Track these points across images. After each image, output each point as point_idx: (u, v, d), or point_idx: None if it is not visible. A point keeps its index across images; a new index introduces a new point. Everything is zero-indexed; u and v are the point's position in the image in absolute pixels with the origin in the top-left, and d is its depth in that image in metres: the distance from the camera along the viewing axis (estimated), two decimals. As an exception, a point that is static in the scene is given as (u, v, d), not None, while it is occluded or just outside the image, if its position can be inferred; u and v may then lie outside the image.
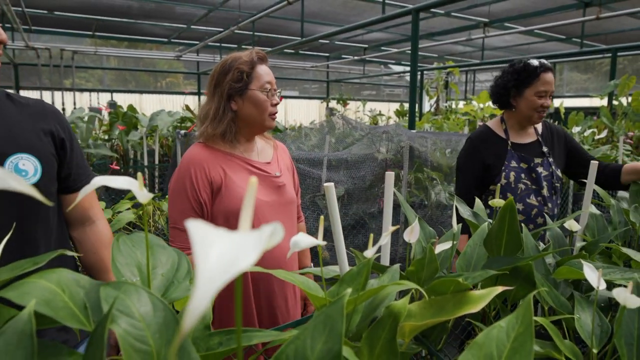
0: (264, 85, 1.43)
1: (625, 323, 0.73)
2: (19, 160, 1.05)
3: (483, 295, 0.76)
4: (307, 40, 5.43)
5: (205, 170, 1.38)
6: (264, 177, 1.47)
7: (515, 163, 1.96)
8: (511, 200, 0.87)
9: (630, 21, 7.33)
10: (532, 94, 1.94)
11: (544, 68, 1.94)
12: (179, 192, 1.38)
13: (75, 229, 1.25)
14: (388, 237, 1.06)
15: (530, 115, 1.97)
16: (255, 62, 1.43)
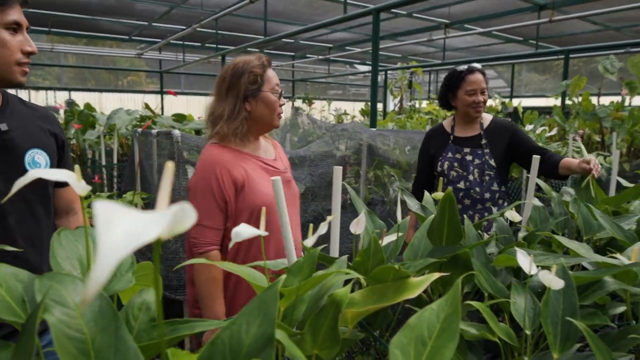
0: (274, 88, 1.56)
1: (551, 304, 0.78)
2: (35, 154, 1.24)
3: (421, 281, 0.80)
4: (270, 39, 5.43)
5: (229, 170, 1.48)
6: (275, 172, 1.58)
7: (451, 154, 2.27)
8: (450, 192, 0.90)
9: (582, 24, 7.64)
10: (463, 93, 2.23)
11: (468, 71, 2.23)
12: (204, 191, 1.47)
13: (60, 217, 1.41)
14: (337, 228, 1.09)
15: (467, 111, 2.24)
16: (266, 66, 1.56)
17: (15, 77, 1.19)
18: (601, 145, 4.79)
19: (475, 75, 2.22)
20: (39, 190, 1.25)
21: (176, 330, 0.70)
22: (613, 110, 4.65)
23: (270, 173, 1.57)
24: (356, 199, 1.22)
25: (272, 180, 0.90)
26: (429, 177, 2.34)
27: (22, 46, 1.18)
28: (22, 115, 1.26)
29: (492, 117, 2.34)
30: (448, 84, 2.28)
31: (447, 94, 2.30)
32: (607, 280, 0.91)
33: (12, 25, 1.16)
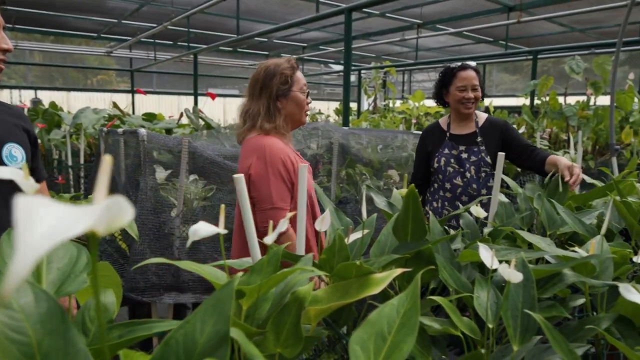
0: (302, 88, 1.72)
1: (511, 297, 0.79)
2: (12, 148, 1.26)
3: (384, 277, 0.80)
4: (242, 38, 5.38)
5: (288, 155, 1.64)
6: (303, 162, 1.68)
7: (447, 150, 2.32)
8: (412, 189, 0.91)
9: (549, 26, 7.83)
10: (454, 89, 2.29)
11: (460, 67, 2.30)
12: (274, 175, 1.58)
13: None
14: (303, 226, 1.08)
15: (457, 107, 2.30)
16: (295, 68, 1.71)
17: None
18: (567, 143, 4.91)
19: (467, 72, 2.28)
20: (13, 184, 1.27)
21: (133, 331, 0.69)
22: (579, 109, 4.78)
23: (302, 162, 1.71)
24: (323, 196, 1.21)
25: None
26: (425, 173, 2.39)
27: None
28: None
29: (487, 116, 2.40)
30: (442, 80, 2.35)
31: (441, 89, 2.36)
32: (567, 273, 0.93)
33: None
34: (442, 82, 2.35)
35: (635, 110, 4.75)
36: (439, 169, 2.31)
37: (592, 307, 1.03)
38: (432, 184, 2.37)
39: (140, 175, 1.84)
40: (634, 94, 4.62)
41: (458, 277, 0.94)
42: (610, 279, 1.00)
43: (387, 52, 11.64)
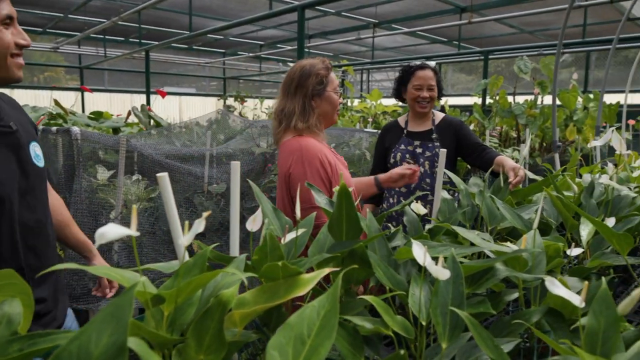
0: (336, 88, 1.78)
1: (441, 294, 0.78)
2: (35, 147, 1.25)
3: (312, 278, 0.77)
4: (195, 35, 5.26)
5: (326, 154, 1.69)
6: (340, 159, 1.81)
7: (403, 146, 2.40)
8: (344, 185, 0.89)
9: (500, 27, 8.07)
10: (411, 87, 2.36)
11: (419, 67, 2.37)
12: (312, 175, 1.64)
13: None
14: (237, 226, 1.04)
15: (412, 105, 2.39)
16: (329, 69, 1.77)
17: (13, 73, 1.15)
18: (517, 141, 5.07)
19: (424, 71, 2.34)
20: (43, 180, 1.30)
21: (35, 344, 0.63)
22: (527, 108, 4.93)
23: (338, 159, 1.80)
24: (260, 195, 1.17)
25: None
26: (383, 170, 2.41)
27: (16, 39, 1.15)
28: (11, 112, 1.24)
29: (444, 115, 2.48)
30: (402, 77, 2.41)
31: (399, 87, 2.44)
32: (499, 268, 0.93)
33: (5, 20, 1.12)
34: (401, 80, 2.42)
35: (579, 109, 4.95)
36: (394, 164, 2.36)
37: (526, 300, 1.04)
38: None
39: (75, 176, 1.75)
40: (578, 93, 4.81)
41: (393, 275, 0.93)
42: (543, 273, 1.01)
43: (345, 51, 11.70)
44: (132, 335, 0.71)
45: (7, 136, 1.16)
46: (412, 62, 2.44)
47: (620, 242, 0.99)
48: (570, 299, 0.72)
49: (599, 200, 1.58)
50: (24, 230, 1.20)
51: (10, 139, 1.17)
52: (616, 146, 1.44)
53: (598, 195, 1.60)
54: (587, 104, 4.93)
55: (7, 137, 1.16)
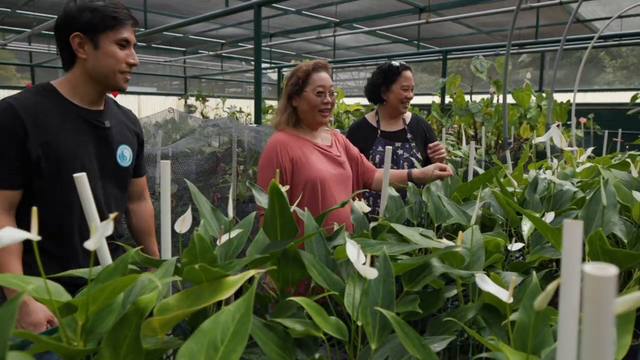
0: (317, 89, 1.80)
1: (371, 293, 0.76)
2: (124, 149, 1.51)
3: (236, 280, 0.74)
4: (149, 32, 5.12)
5: (286, 148, 1.77)
6: (329, 155, 1.87)
7: (381, 147, 2.37)
8: (274, 184, 0.86)
9: (459, 28, 8.22)
10: (398, 88, 2.34)
11: (404, 67, 2.38)
12: (268, 166, 1.76)
13: (133, 202, 1.68)
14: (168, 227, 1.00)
15: (397, 106, 2.37)
16: (311, 71, 1.82)
17: (118, 83, 1.43)
18: (474, 138, 5.17)
19: (409, 72, 2.37)
20: (122, 179, 1.53)
21: None
22: (483, 107, 5.04)
23: (325, 155, 1.86)
24: (198, 195, 1.13)
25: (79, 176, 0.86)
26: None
27: (127, 59, 1.40)
28: (117, 115, 1.54)
29: (412, 114, 2.50)
30: (385, 77, 2.36)
31: (380, 86, 2.38)
32: (435, 265, 0.92)
33: (122, 41, 1.38)
34: (384, 80, 2.37)
35: (533, 107, 5.09)
36: (374, 166, 2.32)
37: (465, 297, 1.04)
38: None
39: None
40: (531, 92, 4.95)
41: (329, 275, 0.90)
42: (482, 268, 1.01)
43: (308, 50, 11.68)
44: (39, 351, 0.67)
45: (99, 130, 1.45)
46: (394, 62, 2.42)
47: (555, 236, 1.00)
48: (498, 295, 0.71)
49: (542, 196, 1.60)
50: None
51: (102, 133, 1.45)
52: (557, 142, 1.47)
53: (542, 191, 1.63)
54: (540, 103, 5.07)
55: (100, 130, 1.45)
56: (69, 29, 1.35)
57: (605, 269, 0.29)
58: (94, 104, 1.46)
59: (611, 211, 1.19)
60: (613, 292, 0.29)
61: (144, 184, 1.71)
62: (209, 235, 1.07)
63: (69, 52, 1.39)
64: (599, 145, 4.88)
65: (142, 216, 1.69)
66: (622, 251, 0.87)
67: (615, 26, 7.35)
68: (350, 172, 1.93)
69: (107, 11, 1.35)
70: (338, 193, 1.82)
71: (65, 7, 1.38)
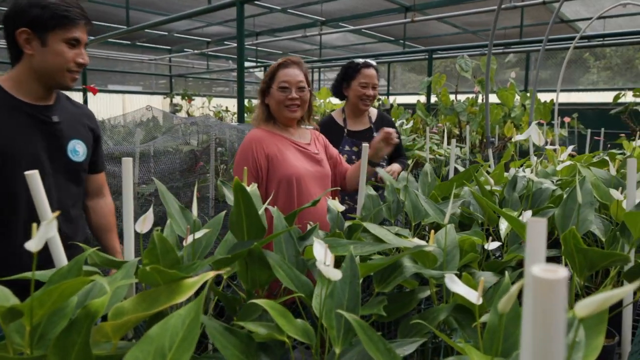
0: (281, 85, 1.80)
1: (337, 295, 0.73)
2: (76, 144, 1.48)
3: (194, 282, 0.71)
4: (132, 30, 5.04)
5: (262, 144, 1.77)
6: (306, 152, 1.86)
7: (348, 147, 2.36)
8: (237, 182, 0.82)
9: (445, 27, 8.23)
10: (356, 85, 2.35)
11: (364, 65, 2.38)
12: (243, 162, 1.75)
13: (91, 199, 1.65)
14: (131, 227, 0.96)
15: (357, 102, 2.37)
16: (278, 67, 1.83)
17: (66, 82, 1.41)
18: (460, 137, 5.17)
19: (370, 69, 2.37)
20: (74, 173, 1.50)
21: None
22: (468, 106, 5.04)
23: (302, 152, 1.85)
24: (166, 194, 1.09)
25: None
26: None
27: (76, 58, 1.38)
28: (68, 110, 1.51)
29: (378, 111, 2.51)
30: (345, 74, 2.39)
31: (342, 82, 2.41)
32: (407, 265, 0.90)
33: (72, 40, 1.36)
34: (345, 76, 2.40)
35: (517, 106, 5.11)
36: None
37: (439, 297, 1.01)
38: None
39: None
40: (515, 91, 4.96)
41: (297, 276, 0.87)
42: (456, 268, 0.99)
43: (294, 49, 11.63)
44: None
45: (47, 125, 1.42)
46: (355, 60, 2.43)
47: (530, 234, 0.98)
48: (467, 296, 0.69)
49: (521, 194, 1.59)
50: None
51: (50, 128, 1.42)
52: (535, 140, 1.45)
53: (521, 189, 1.62)
54: (525, 102, 5.09)
55: (48, 125, 1.42)
56: (16, 23, 1.32)
57: (555, 271, 0.27)
58: (41, 100, 1.42)
59: (588, 209, 1.18)
60: (562, 296, 0.26)
61: (102, 181, 1.69)
62: (176, 236, 1.04)
63: (16, 47, 1.36)
64: (583, 145, 4.91)
65: (102, 213, 1.66)
66: (596, 250, 0.85)
67: (599, 27, 7.42)
68: (328, 171, 1.91)
69: (59, 9, 1.33)
70: (315, 191, 1.80)
71: (15, 0, 1.35)
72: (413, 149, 3.32)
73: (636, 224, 0.93)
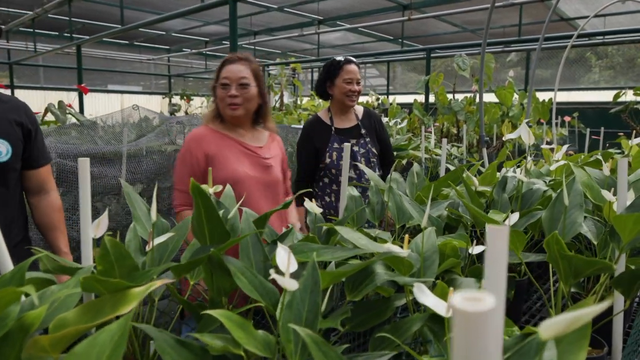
0: (222, 81, 1.73)
1: (296, 306, 0.68)
2: (1, 145, 1.40)
3: (141, 291, 0.66)
4: (126, 29, 4.99)
5: (201, 144, 1.71)
6: (253, 156, 1.77)
7: (337, 144, 2.34)
8: (194, 184, 0.77)
9: (444, 26, 8.17)
10: (340, 81, 2.32)
11: (346, 61, 2.36)
12: (181, 160, 1.71)
13: (33, 196, 1.58)
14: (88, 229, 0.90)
15: (342, 99, 2.34)
16: (223, 64, 1.77)
17: None
18: (457, 137, 5.11)
19: (351, 65, 2.35)
20: (1, 175, 1.44)
21: None
22: (466, 105, 4.98)
23: (248, 156, 1.76)
24: (132, 195, 1.04)
25: None
26: (315, 169, 2.37)
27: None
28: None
29: (364, 108, 2.49)
30: (328, 72, 2.37)
31: (325, 82, 2.38)
32: (379, 272, 0.84)
33: None
34: (327, 75, 2.37)
35: (515, 105, 5.05)
36: (330, 164, 2.32)
37: (417, 305, 0.96)
38: (322, 178, 2.37)
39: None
40: (514, 90, 4.90)
41: (261, 284, 0.82)
42: (435, 274, 0.94)
43: (293, 49, 11.58)
44: None
45: None
46: (336, 57, 2.42)
47: (512, 239, 0.93)
48: (435, 309, 0.63)
49: (511, 195, 1.53)
50: None
51: None
52: (525, 140, 1.40)
53: (511, 190, 1.56)
54: (523, 101, 5.03)
55: None
56: None
57: (480, 302, 0.21)
58: None
59: (577, 211, 1.12)
60: (486, 330, 0.21)
61: (44, 176, 1.59)
62: (139, 240, 0.99)
63: None
64: (584, 144, 4.84)
65: (45, 210, 1.58)
66: (579, 257, 0.80)
67: (600, 25, 7.35)
68: (277, 178, 1.83)
69: None
70: (259, 197, 1.72)
71: None
72: (407, 149, 3.25)
73: (625, 227, 0.88)
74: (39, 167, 1.56)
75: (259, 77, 1.79)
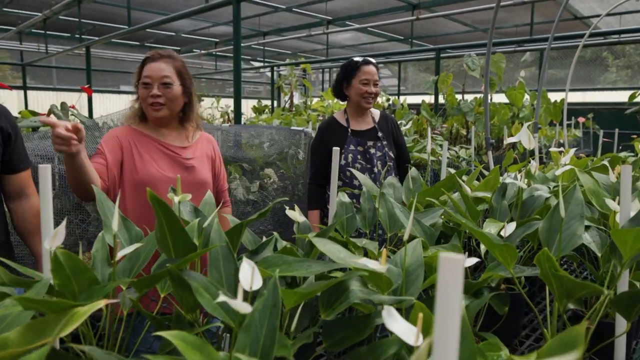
0: (143, 80, 1.66)
1: (254, 328, 0.62)
2: None
3: (86, 310, 0.61)
4: (133, 30, 5.00)
5: (118, 139, 1.65)
6: (174, 157, 1.71)
7: (353, 147, 2.31)
8: (152, 194, 0.72)
9: (454, 25, 8.06)
10: (357, 83, 2.29)
11: (364, 62, 2.32)
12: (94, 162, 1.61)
13: (13, 201, 1.55)
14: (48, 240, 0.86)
15: (358, 101, 2.31)
16: (144, 62, 1.69)
17: None
18: (466, 138, 5.02)
19: (369, 66, 2.31)
20: None
21: None
22: (475, 106, 4.89)
23: (169, 157, 1.70)
24: (105, 202, 1.00)
25: None
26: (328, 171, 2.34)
27: None
28: None
29: (380, 111, 2.47)
30: (345, 73, 2.34)
31: (342, 82, 2.36)
32: (354, 289, 0.78)
33: None
34: (345, 75, 2.34)
35: (526, 106, 4.94)
36: (345, 165, 2.29)
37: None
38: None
39: None
40: (524, 90, 4.79)
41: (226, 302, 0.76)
42: (419, 291, 0.88)
43: (303, 49, 11.53)
44: None
45: None
46: (354, 58, 2.38)
47: (503, 253, 0.86)
48: (403, 337, 0.57)
49: (511, 202, 1.46)
50: None
51: None
52: (525, 143, 1.33)
53: (512, 197, 1.49)
54: (534, 102, 4.91)
55: None
56: None
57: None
58: None
59: (577, 222, 1.05)
60: None
61: (24, 180, 1.57)
62: (107, 250, 0.94)
63: None
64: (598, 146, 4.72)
65: (24, 215, 1.56)
66: (570, 278, 0.73)
67: (615, 24, 7.18)
68: (204, 179, 1.76)
69: None
70: None
71: None
72: (412, 151, 3.19)
73: (625, 243, 0.81)
74: (19, 171, 1.53)
75: (183, 75, 1.72)
